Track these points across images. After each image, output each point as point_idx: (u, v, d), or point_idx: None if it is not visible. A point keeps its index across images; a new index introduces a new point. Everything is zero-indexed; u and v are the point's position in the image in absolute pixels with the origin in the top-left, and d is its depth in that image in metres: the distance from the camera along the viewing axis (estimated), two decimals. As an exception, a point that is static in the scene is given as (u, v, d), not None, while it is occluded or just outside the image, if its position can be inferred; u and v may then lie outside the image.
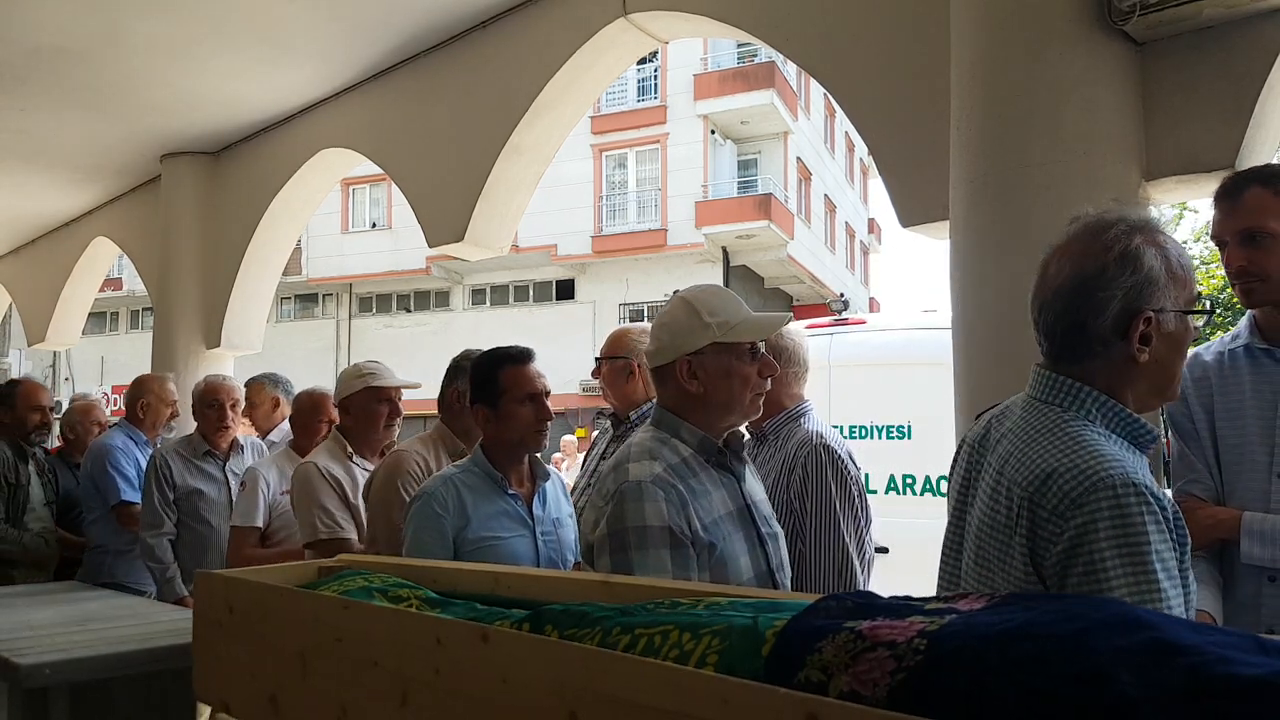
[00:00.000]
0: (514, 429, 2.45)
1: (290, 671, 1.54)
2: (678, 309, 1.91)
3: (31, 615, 3.09)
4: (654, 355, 1.92)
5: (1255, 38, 2.38)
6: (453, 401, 2.88)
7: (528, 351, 2.54)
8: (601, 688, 1.04)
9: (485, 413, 2.47)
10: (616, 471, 1.83)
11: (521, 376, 2.47)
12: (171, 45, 4.67)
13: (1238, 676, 0.78)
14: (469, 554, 2.31)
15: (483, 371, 2.49)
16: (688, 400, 1.88)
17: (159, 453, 4.07)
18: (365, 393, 3.19)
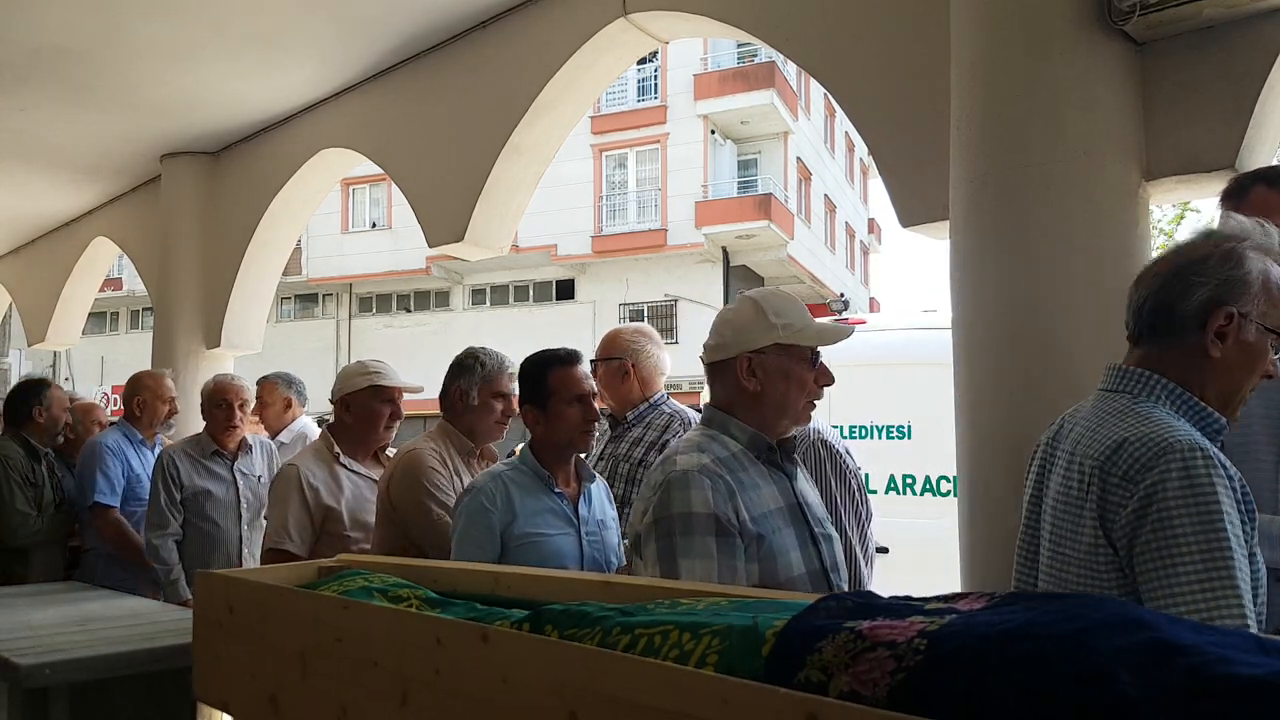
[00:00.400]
0: (562, 430, 2.45)
1: (290, 671, 1.54)
2: (744, 307, 1.93)
3: (31, 615, 3.09)
4: (714, 350, 1.93)
5: (1255, 38, 2.37)
6: (456, 400, 2.87)
7: (575, 353, 2.55)
8: (601, 688, 1.04)
9: (534, 413, 2.47)
10: (665, 463, 1.85)
11: (570, 378, 2.47)
12: (171, 45, 4.67)
13: (1238, 676, 0.78)
14: (514, 549, 2.33)
15: (532, 373, 2.50)
16: (743, 397, 1.89)
17: (166, 453, 4.01)
18: (368, 391, 3.13)
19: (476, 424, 2.86)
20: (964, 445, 2.50)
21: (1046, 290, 2.32)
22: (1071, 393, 2.28)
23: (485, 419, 2.86)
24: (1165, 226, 18.81)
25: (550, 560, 2.33)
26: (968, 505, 2.47)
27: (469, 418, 2.85)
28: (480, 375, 2.84)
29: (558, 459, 2.50)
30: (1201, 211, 19.16)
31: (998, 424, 2.36)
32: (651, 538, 1.77)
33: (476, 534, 2.35)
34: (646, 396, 3.09)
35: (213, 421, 4.06)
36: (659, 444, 2.98)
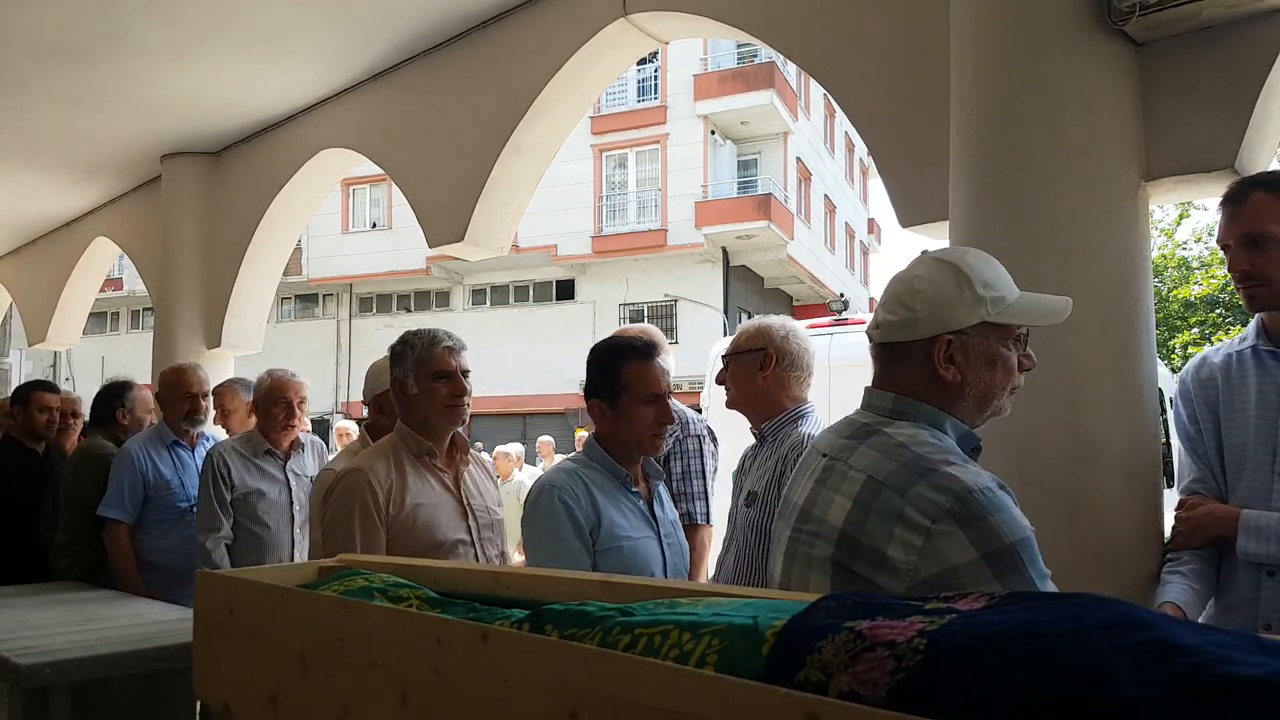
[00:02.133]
0: (632, 431, 2.23)
1: (290, 671, 1.54)
2: (941, 275, 1.51)
3: (31, 615, 3.09)
4: (898, 328, 1.53)
5: (1255, 38, 2.38)
6: (398, 393, 2.58)
7: (653, 346, 2.30)
8: (601, 688, 1.04)
9: (601, 408, 2.24)
10: (930, 479, 1.39)
11: (646, 374, 2.23)
12: (171, 45, 4.67)
13: (1238, 676, 0.79)
14: (601, 554, 2.13)
15: (602, 363, 2.26)
16: (934, 389, 1.52)
17: (217, 450, 3.83)
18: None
19: (427, 413, 2.53)
20: (964, 445, 2.50)
21: (1046, 290, 2.31)
22: (1071, 392, 2.28)
23: (432, 405, 2.53)
24: (1166, 226, 18.87)
25: (638, 567, 2.14)
26: (968, 505, 2.46)
27: (416, 410, 2.54)
28: (413, 359, 2.55)
29: (628, 458, 2.28)
30: (1208, 210, 19.19)
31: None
32: (987, 578, 1.33)
33: (566, 536, 2.12)
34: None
35: (269, 420, 3.85)
36: None
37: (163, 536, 3.95)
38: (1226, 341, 2.25)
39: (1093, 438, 2.26)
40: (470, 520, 2.54)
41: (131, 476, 3.95)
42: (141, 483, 3.96)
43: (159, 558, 3.92)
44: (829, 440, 1.59)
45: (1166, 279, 18.20)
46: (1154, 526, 2.38)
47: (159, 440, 4.11)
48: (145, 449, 4.05)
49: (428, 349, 2.56)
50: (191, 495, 4.00)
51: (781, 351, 2.57)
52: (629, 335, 3.22)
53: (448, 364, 2.55)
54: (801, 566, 1.52)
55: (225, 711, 1.74)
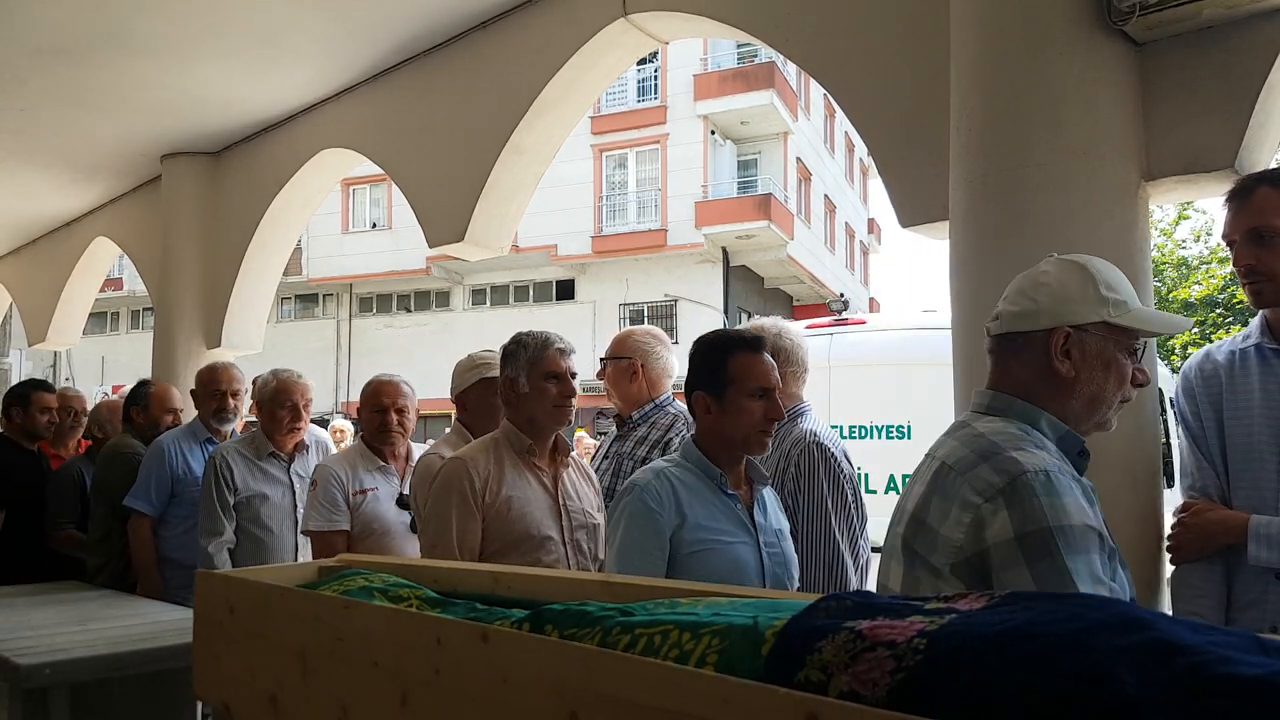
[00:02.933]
0: (739, 425, 2.14)
1: (290, 671, 1.54)
2: (1066, 272, 1.55)
3: (31, 615, 3.09)
4: (1018, 318, 1.54)
5: (1255, 38, 2.37)
6: (508, 392, 2.62)
7: (761, 339, 2.25)
8: (601, 688, 1.04)
9: (707, 402, 2.16)
10: (991, 461, 1.41)
11: (756, 367, 2.16)
12: (171, 45, 4.67)
13: (1238, 676, 0.78)
14: (686, 556, 2.07)
15: (708, 355, 2.20)
16: (1048, 383, 1.52)
17: (219, 452, 3.75)
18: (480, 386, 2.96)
19: (535, 412, 2.57)
20: (964, 445, 2.50)
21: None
22: (1071, 393, 2.28)
23: (542, 404, 2.56)
24: (1166, 226, 18.87)
25: (729, 572, 2.07)
26: (968, 505, 2.46)
27: (524, 408, 2.57)
28: (525, 358, 2.58)
29: (729, 457, 2.20)
30: (1208, 212, 19.19)
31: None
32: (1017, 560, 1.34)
33: (642, 540, 2.07)
34: (653, 397, 3.12)
35: (274, 423, 3.77)
36: (662, 443, 3.01)
37: (186, 533, 3.86)
38: (1229, 339, 2.24)
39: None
40: (563, 520, 2.56)
41: (160, 470, 3.90)
42: (170, 477, 3.90)
43: (182, 555, 3.84)
44: (936, 440, 1.63)
45: (1166, 279, 18.20)
46: (1154, 526, 2.38)
47: (192, 436, 4.06)
48: (178, 444, 3.99)
49: (540, 350, 2.59)
50: None
51: (776, 350, 2.59)
52: (651, 332, 3.24)
53: (559, 366, 2.59)
54: (886, 557, 1.60)
55: (225, 711, 1.74)
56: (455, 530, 2.43)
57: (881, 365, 5.09)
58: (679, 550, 2.07)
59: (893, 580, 1.53)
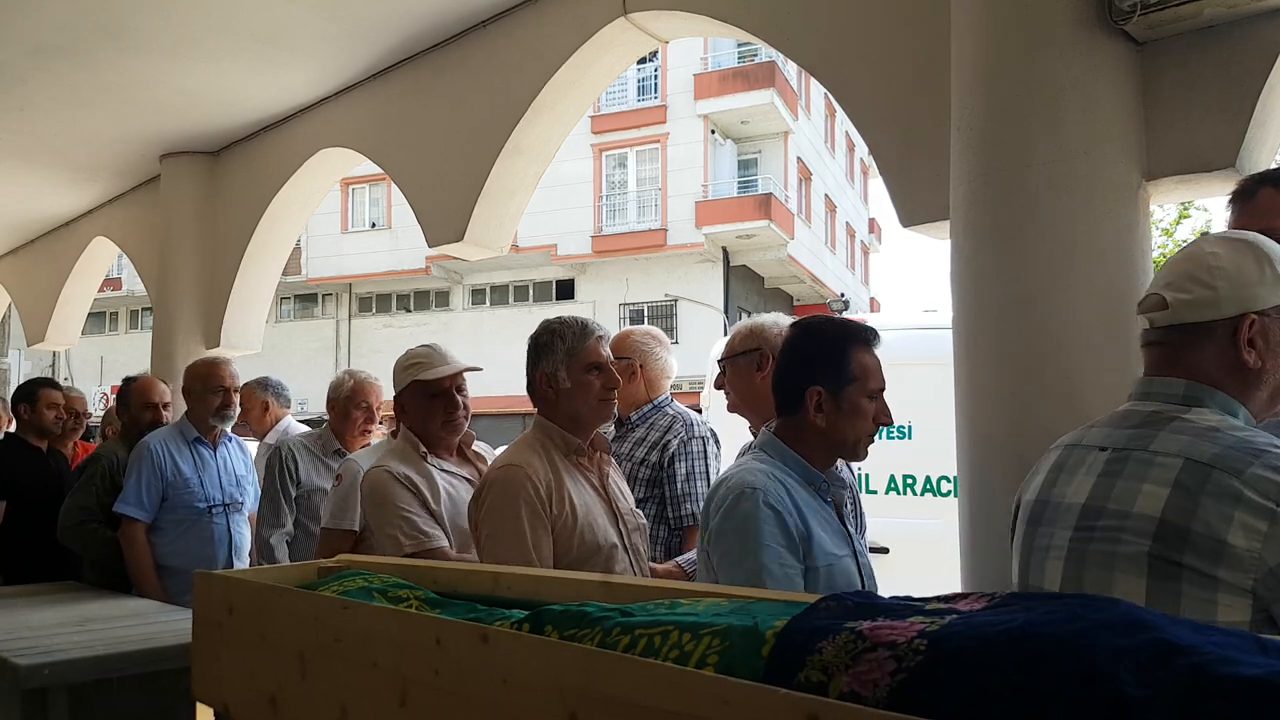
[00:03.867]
0: (854, 428, 1.95)
1: (290, 671, 1.53)
2: (1239, 253, 1.43)
3: (31, 615, 3.09)
4: (1196, 306, 1.42)
5: (1255, 38, 2.37)
6: (544, 389, 2.36)
7: (877, 332, 2.06)
8: (601, 688, 1.04)
9: (820, 397, 1.93)
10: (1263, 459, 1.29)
11: (875, 366, 1.99)
12: (171, 45, 4.67)
13: (1239, 677, 0.78)
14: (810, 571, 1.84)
15: (829, 346, 1.98)
16: (1235, 375, 1.42)
17: (286, 446, 3.75)
18: (413, 388, 2.72)
19: (578, 409, 2.34)
20: (964, 445, 2.50)
21: (1046, 290, 2.32)
22: (1071, 392, 2.28)
23: (585, 399, 2.33)
24: (1166, 226, 18.86)
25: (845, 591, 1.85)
26: (968, 505, 2.47)
27: (566, 405, 2.34)
28: (564, 349, 2.33)
29: (826, 460, 1.99)
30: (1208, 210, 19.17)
31: (998, 424, 2.36)
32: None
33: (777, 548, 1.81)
34: (651, 398, 3.12)
35: (348, 423, 3.72)
36: (660, 444, 3.00)
37: (179, 538, 3.79)
38: None
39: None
40: (620, 524, 2.35)
41: (150, 473, 3.76)
42: (160, 480, 3.78)
43: (176, 560, 3.74)
44: (1103, 433, 1.51)
45: (1166, 279, 18.15)
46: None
47: (180, 436, 3.92)
48: (165, 445, 3.84)
49: (580, 339, 2.33)
50: (211, 496, 3.85)
51: (777, 349, 2.55)
52: (650, 332, 3.22)
53: (600, 355, 2.34)
54: (1098, 566, 1.41)
55: (225, 712, 1.74)
56: (531, 543, 2.17)
57: (881, 365, 5.08)
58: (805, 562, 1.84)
59: (1119, 589, 1.36)
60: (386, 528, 2.54)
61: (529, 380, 2.39)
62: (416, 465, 2.64)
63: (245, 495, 4.05)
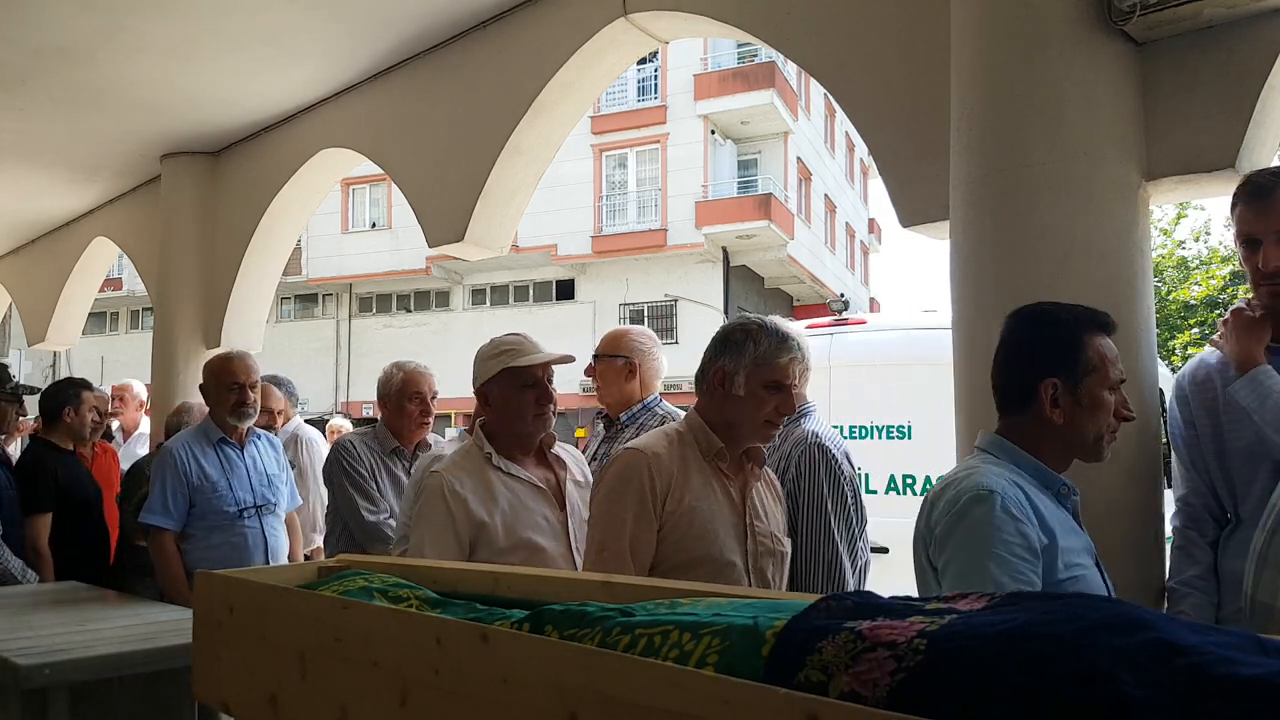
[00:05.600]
0: (1094, 423, 1.76)
1: (290, 671, 1.53)
2: None
3: (31, 615, 3.09)
4: None
5: (1255, 38, 2.37)
6: (716, 384, 2.18)
7: (1112, 319, 1.84)
8: (601, 688, 1.04)
9: (1057, 390, 1.75)
10: None
11: (1112, 354, 1.79)
12: (171, 45, 4.67)
13: (1239, 677, 0.78)
14: (1053, 586, 1.67)
15: (1061, 334, 1.79)
16: None
17: (345, 441, 3.56)
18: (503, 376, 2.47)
19: (741, 419, 2.16)
20: (964, 445, 2.50)
21: (1046, 290, 2.31)
22: (1071, 393, 2.28)
23: (753, 414, 2.15)
24: (1165, 226, 18.87)
25: None
26: (968, 505, 2.47)
27: (731, 409, 2.16)
28: (752, 355, 2.14)
29: (1063, 461, 1.80)
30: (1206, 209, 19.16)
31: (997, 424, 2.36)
32: None
33: (1014, 557, 1.62)
34: (642, 398, 3.13)
35: (404, 418, 3.51)
36: None
37: (210, 545, 3.63)
38: None
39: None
40: (748, 542, 2.17)
41: (175, 479, 3.61)
42: (185, 485, 3.62)
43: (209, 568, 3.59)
44: None
45: (1166, 279, 18.20)
46: (1154, 526, 2.38)
47: (204, 438, 3.75)
48: (188, 448, 3.68)
49: (773, 352, 2.15)
50: (241, 498, 3.70)
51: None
52: (645, 333, 3.23)
53: (788, 376, 2.15)
54: None
55: (225, 711, 1.74)
56: (629, 535, 2.06)
57: (882, 365, 5.08)
58: (1050, 575, 1.66)
59: None
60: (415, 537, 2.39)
61: (703, 367, 2.21)
62: (478, 473, 2.40)
63: (279, 496, 3.87)
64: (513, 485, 2.40)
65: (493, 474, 2.39)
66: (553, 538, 2.37)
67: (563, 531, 2.41)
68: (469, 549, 2.29)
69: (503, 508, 2.35)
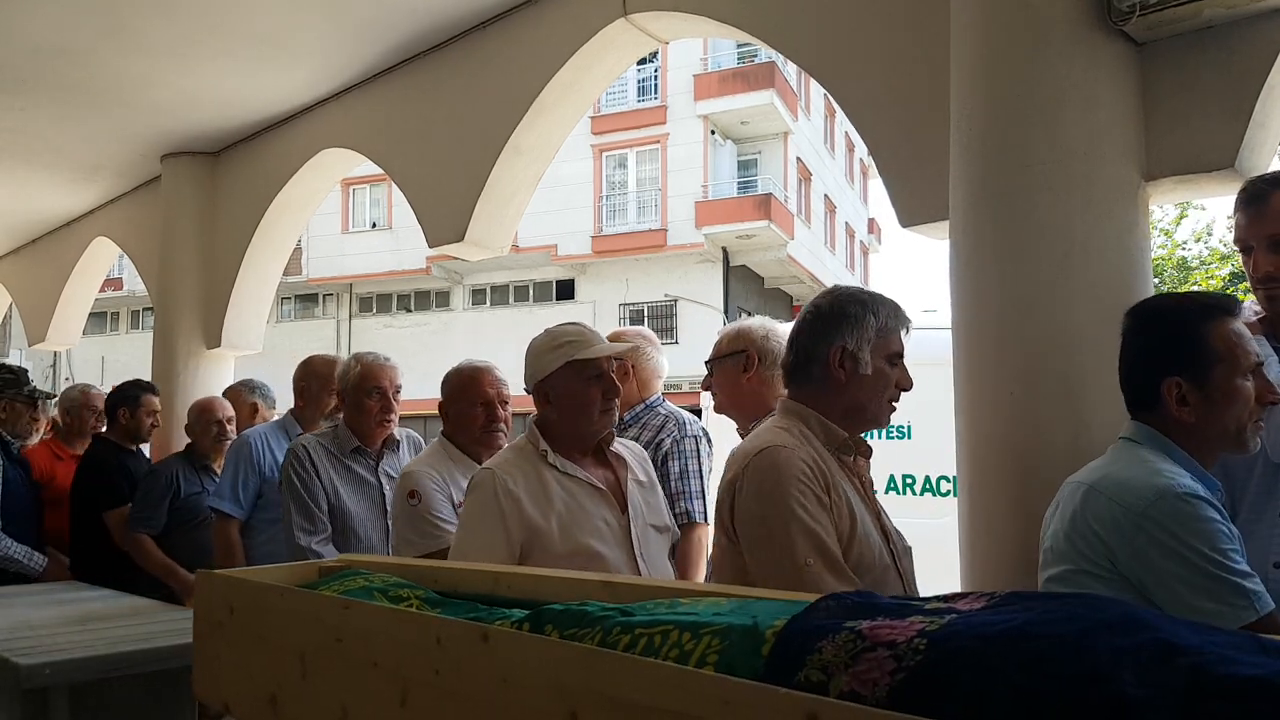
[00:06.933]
0: (1233, 416, 1.65)
1: (290, 671, 1.54)
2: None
3: (31, 615, 3.09)
4: None
5: (1255, 38, 2.37)
6: (835, 366, 1.93)
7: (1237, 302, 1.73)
8: (601, 688, 1.04)
9: (1183, 389, 1.64)
10: None
11: (1245, 337, 1.67)
12: (171, 45, 4.67)
13: (1239, 676, 0.78)
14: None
15: (1178, 328, 1.68)
16: None
17: (299, 444, 3.28)
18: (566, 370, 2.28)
19: (868, 401, 1.94)
20: (964, 445, 2.50)
21: (1046, 290, 2.32)
22: (1071, 392, 2.28)
23: (879, 394, 1.94)
24: (1166, 226, 18.87)
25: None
26: (968, 505, 2.47)
27: (856, 391, 1.92)
28: (874, 328, 1.93)
29: (1209, 461, 1.70)
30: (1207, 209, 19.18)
31: (998, 424, 2.36)
32: None
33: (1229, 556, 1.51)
34: (643, 398, 3.13)
35: (363, 415, 3.25)
36: (653, 444, 3.01)
37: (272, 540, 3.48)
38: None
39: (1093, 437, 2.26)
40: (890, 544, 1.95)
41: (248, 468, 3.54)
42: (259, 476, 3.55)
43: (267, 563, 3.29)
44: None
45: (1166, 279, 18.20)
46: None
47: (283, 434, 3.66)
48: (265, 440, 3.61)
49: (894, 320, 1.97)
50: None
51: (763, 352, 2.56)
52: (641, 333, 3.24)
53: (903, 347, 1.98)
54: None
55: (225, 711, 1.74)
56: (825, 536, 1.77)
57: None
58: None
59: None
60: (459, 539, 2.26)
61: (806, 351, 1.95)
62: (533, 472, 2.24)
63: None
64: (569, 486, 2.23)
65: (548, 473, 2.22)
66: (613, 543, 2.19)
67: (624, 536, 2.23)
68: (519, 555, 2.12)
69: (559, 511, 2.17)
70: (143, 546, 3.98)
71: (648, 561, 2.23)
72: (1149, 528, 1.55)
